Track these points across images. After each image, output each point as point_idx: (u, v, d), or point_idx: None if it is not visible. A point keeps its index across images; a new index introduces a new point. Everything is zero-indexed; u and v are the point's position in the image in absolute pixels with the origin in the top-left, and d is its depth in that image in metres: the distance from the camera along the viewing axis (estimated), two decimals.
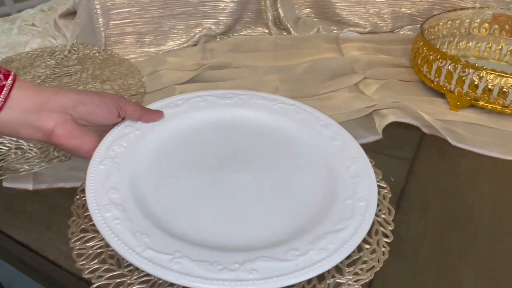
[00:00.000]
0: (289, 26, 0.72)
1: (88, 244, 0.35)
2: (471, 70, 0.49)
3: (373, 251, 0.34)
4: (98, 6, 0.62)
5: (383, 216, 0.37)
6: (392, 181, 0.42)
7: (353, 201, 0.37)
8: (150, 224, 0.33)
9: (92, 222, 0.35)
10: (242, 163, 0.42)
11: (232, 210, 0.37)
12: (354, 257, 0.34)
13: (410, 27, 0.72)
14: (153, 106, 0.46)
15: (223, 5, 0.69)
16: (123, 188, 0.36)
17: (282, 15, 0.72)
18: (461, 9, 0.63)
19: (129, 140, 0.41)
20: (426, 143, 0.47)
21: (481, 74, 0.48)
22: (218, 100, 0.48)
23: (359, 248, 0.34)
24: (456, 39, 0.66)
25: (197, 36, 0.69)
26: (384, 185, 0.40)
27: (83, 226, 0.37)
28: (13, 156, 0.45)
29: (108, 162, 0.38)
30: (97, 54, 0.64)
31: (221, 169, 0.41)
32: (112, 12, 0.63)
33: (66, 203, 0.39)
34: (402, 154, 0.46)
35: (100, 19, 0.63)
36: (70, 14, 0.78)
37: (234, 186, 0.39)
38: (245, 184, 0.39)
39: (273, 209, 0.37)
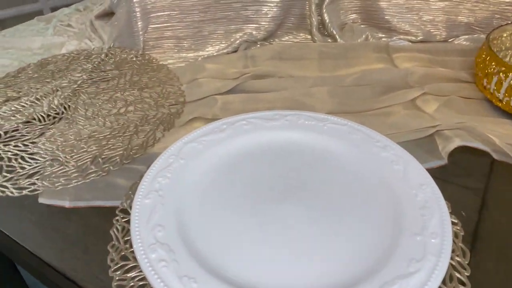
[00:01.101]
0: (334, 32, 0.68)
1: (129, 275, 0.32)
2: None
3: None
4: (138, 9, 0.59)
5: (457, 258, 0.33)
6: (464, 216, 0.37)
7: (424, 237, 0.33)
8: (197, 266, 0.30)
9: (132, 249, 0.33)
10: (293, 193, 0.38)
11: (286, 249, 0.33)
12: None
13: (466, 36, 0.67)
14: (198, 132, 0.43)
15: (266, 9, 0.66)
16: (168, 224, 0.33)
17: (327, 20, 0.68)
18: None
19: (173, 171, 0.38)
20: (498, 171, 0.42)
21: None
22: (264, 122, 0.45)
23: None
24: None
25: (237, 41, 0.66)
26: (455, 220, 0.36)
27: (123, 253, 0.34)
28: (49, 168, 0.43)
29: (153, 196, 0.35)
30: (134, 59, 0.62)
31: (272, 199, 0.37)
32: (151, 15, 0.61)
33: (105, 224, 0.37)
34: (471, 183, 0.41)
35: (139, 23, 0.60)
36: (107, 14, 0.76)
37: (286, 220, 0.35)
38: (298, 218, 0.36)
39: (331, 248, 0.33)
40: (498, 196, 0.40)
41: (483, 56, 0.51)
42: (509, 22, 0.59)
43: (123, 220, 0.37)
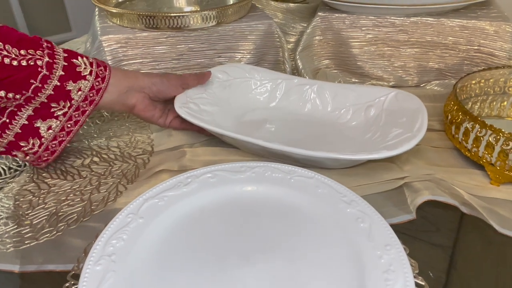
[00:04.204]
0: (307, 78, 0.68)
1: None
2: None
3: None
4: (109, 58, 0.59)
5: None
6: (431, 277, 0.36)
7: None
8: None
9: None
10: (257, 254, 0.36)
11: None
12: None
13: (437, 82, 0.68)
14: (160, 186, 0.42)
15: (239, 56, 0.66)
16: None
17: (300, 66, 0.69)
18: (496, 67, 0.59)
19: (130, 231, 0.36)
20: (467, 227, 0.41)
21: None
22: (230, 175, 0.44)
23: None
24: (489, 98, 0.61)
25: None
26: (422, 283, 0.34)
27: None
28: (3, 228, 0.41)
29: (104, 262, 0.33)
30: None
31: (235, 262, 0.35)
32: (123, 63, 0.60)
33: None
34: (439, 240, 0.40)
35: None
36: None
37: (250, 286, 0.34)
38: (261, 283, 0.34)
39: None
40: (466, 254, 0.39)
41: (451, 105, 0.52)
42: (479, 68, 0.60)
43: (73, 287, 0.35)
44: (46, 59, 0.42)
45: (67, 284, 0.35)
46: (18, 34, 0.42)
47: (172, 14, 0.61)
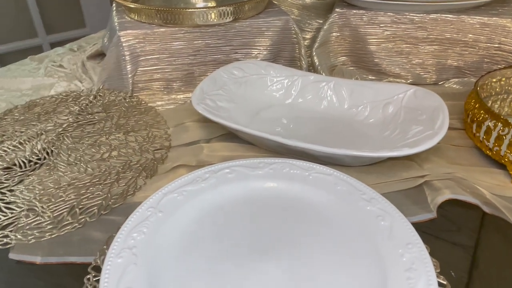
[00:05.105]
0: (324, 75, 0.68)
1: None
2: None
3: None
4: (127, 53, 0.59)
5: None
6: (453, 276, 0.35)
7: None
8: None
9: None
10: (275, 250, 0.36)
11: None
12: None
13: (456, 80, 0.67)
14: (179, 181, 0.42)
15: (256, 52, 0.66)
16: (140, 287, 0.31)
17: (317, 63, 0.69)
18: None
19: (150, 225, 0.37)
20: (489, 226, 0.41)
21: None
22: (248, 171, 0.44)
23: None
24: (510, 97, 0.60)
25: None
26: (444, 282, 0.34)
27: None
28: (24, 219, 0.41)
29: (125, 254, 0.33)
30: (123, 101, 0.61)
31: (253, 258, 0.35)
32: (140, 58, 0.61)
33: (76, 284, 0.35)
34: (461, 239, 0.39)
35: (128, 66, 0.60)
36: (99, 55, 0.76)
37: (268, 283, 0.34)
38: (279, 279, 0.34)
39: None
40: (488, 253, 0.38)
41: (472, 103, 0.51)
42: (499, 67, 0.59)
43: (94, 279, 0.35)
44: None
45: (88, 276, 0.35)
46: None
47: (189, 10, 0.61)
